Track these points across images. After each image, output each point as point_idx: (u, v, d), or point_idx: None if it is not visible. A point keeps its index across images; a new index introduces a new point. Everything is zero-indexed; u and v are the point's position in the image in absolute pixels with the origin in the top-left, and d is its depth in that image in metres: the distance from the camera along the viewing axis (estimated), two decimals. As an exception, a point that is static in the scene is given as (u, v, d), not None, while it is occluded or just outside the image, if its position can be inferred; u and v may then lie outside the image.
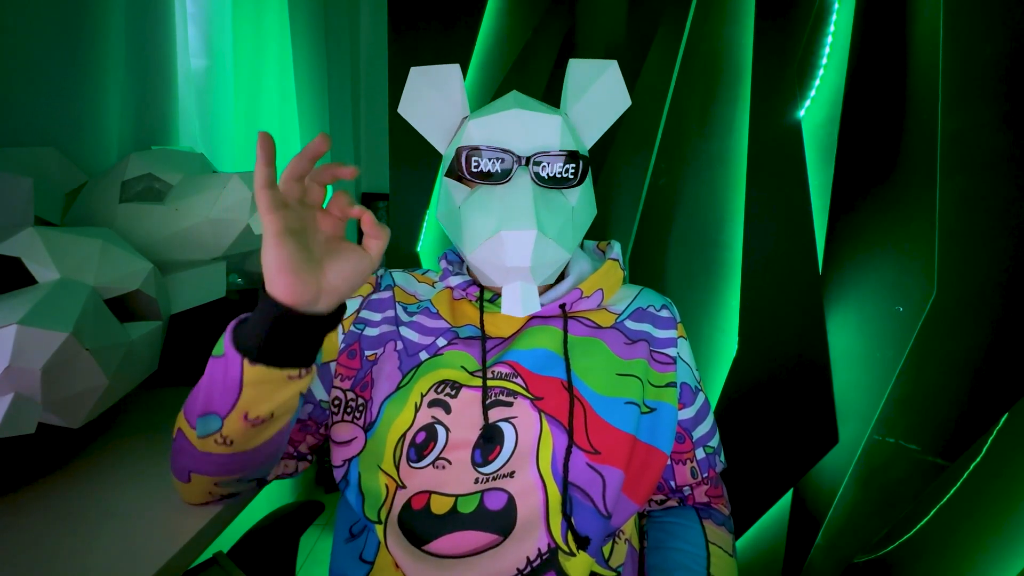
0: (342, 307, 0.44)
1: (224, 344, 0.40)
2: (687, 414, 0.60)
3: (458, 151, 0.55)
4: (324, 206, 0.43)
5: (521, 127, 0.54)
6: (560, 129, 0.54)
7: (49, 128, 0.81)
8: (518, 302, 0.52)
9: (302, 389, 0.43)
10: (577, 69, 0.59)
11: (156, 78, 1.04)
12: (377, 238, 0.43)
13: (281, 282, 0.38)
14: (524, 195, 0.52)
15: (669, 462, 0.60)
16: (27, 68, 0.77)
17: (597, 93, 0.58)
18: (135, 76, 0.99)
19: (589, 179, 0.58)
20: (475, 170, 0.54)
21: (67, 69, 0.83)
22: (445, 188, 0.59)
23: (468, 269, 0.64)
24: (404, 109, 0.60)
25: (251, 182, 0.81)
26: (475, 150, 0.54)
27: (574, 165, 0.54)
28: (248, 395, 0.40)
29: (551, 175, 0.54)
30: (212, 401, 0.42)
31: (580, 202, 0.56)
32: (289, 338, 0.40)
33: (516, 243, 0.51)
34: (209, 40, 1.20)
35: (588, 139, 0.60)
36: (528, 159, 0.53)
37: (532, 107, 0.55)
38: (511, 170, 0.53)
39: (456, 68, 0.59)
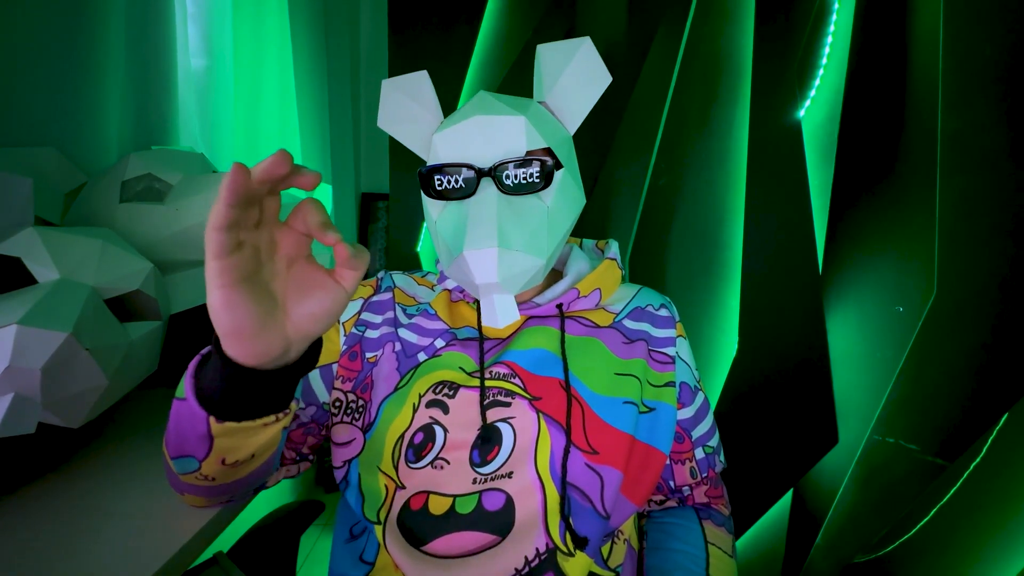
0: (317, 346, 0.39)
1: (186, 391, 0.36)
2: (686, 414, 0.59)
3: (423, 172, 0.53)
4: (284, 218, 0.35)
5: (482, 136, 0.52)
6: (524, 130, 0.51)
7: (49, 128, 0.81)
8: (495, 314, 0.51)
9: (284, 426, 0.40)
10: (547, 53, 0.56)
11: (156, 78, 1.04)
12: (353, 269, 0.35)
13: (238, 347, 0.33)
14: (488, 210, 0.50)
15: (668, 462, 0.60)
16: (27, 68, 0.77)
17: (573, 74, 0.55)
18: (135, 76, 0.99)
19: (569, 172, 0.56)
20: (439, 189, 0.52)
21: (67, 69, 0.83)
22: (425, 202, 0.57)
23: None
24: (383, 123, 0.58)
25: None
26: (436, 170, 0.52)
27: (538, 169, 0.51)
28: (221, 445, 0.38)
29: (516, 183, 0.51)
30: (185, 446, 0.39)
31: (557, 200, 0.54)
32: (255, 392, 0.36)
33: (479, 261, 0.49)
34: (209, 40, 1.20)
35: (571, 123, 0.58)
36: (490, 170, 0.51)
37: (494, 110, 0.52)
38: (475, 183, 0.51)
39: (425, 75, 0.57)
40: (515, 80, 1.40)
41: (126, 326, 0.61)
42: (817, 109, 1.17)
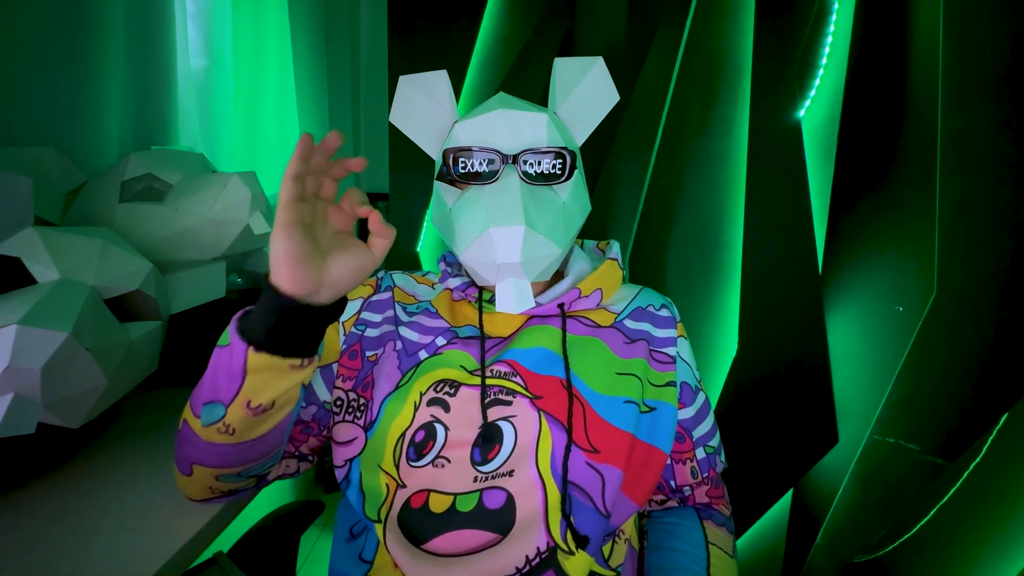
0: (343, 301, 0.46)
1: (229, 333, 0.42)
2: (687, 413, 0.59)
3: (445, 153, 0.55)
4: (337, 200, 0.46)
5: (507, 126, 0.54)
6: (547, 126, 0.55)
7: (49, 128, 0.81)
8: (512, 299, 0.53)
9: (304, 380, 0.45)
10: (563, 68, 0.59)
11: (156, 78, 1.05)
12: (383, 236, 0.45)
13: (285, 271, 0.40)
14: (512, 192, 0.52)
15: (669, 462, 0.60)
16: (27, 68, 0.77)
17: (584, 90, 0.58)
18: (135, 76, 0.99)
19: (581, 175, 0.59)
20: (463, 171, 0.54)
21: (67, 69, 0.83)
22: (437, 192, 0.59)
23: (466, 271, 0.64)
24: (395, 118, 0.60)
25: (251, 182, 0.81)
26: (462, 151, 0.54)
27: (561, 160, 0.54)
28: (251, 383, 0.42)
29: (539, 172, 0.54)
30: (217, 389, 0.43)
31: (571, 198, 0.56)
32: (291, 327, 0.41)
33: (505, 239, 0.51)
34: (209, 40, 1.20)
35: (578, 136, 0.60)
36: (515, 157, 0.53)
37: (518, 106, 0.55)
38: (498, 169, 0.53)
39: (444, 74, 0.59)
40: (515, 80, 1.39)
41: (126, 326, 0.61)
42: (817, 109, 1.17)
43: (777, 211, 1.17)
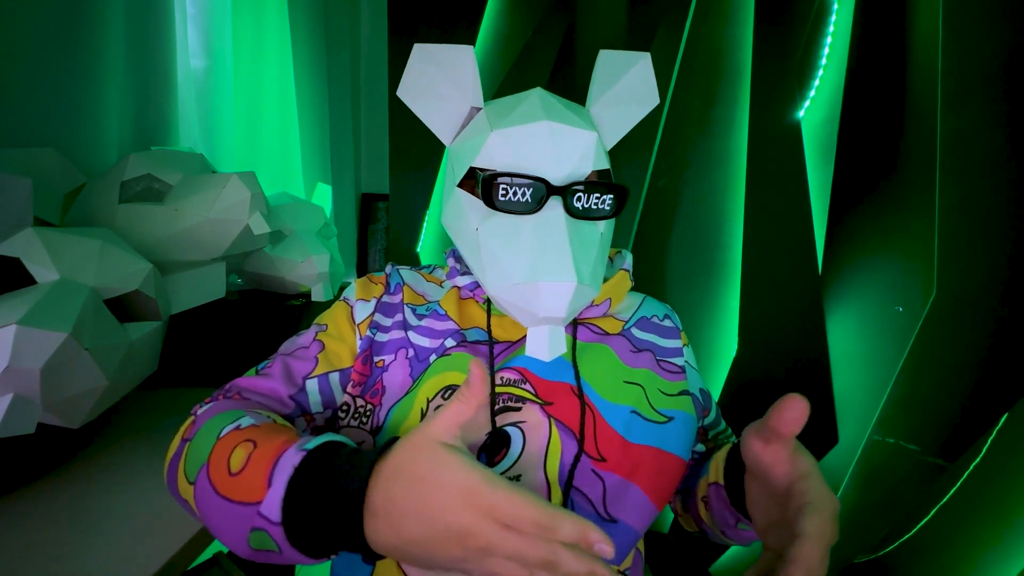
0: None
1: (279, 544, 0.36)
2: (711, 418, 0.62)
3: (481, 175, 0.49)
4: None
5: (553, 148, 0.48)
6: (595, 149, 0.49)
7: (49, 128, 0.81)
8: (545, 347, 0.48)
9: None
10: (607, 60, 0.54)
11: (156, 78, 1.04)
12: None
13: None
14: (558, 235, 0.46)
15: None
16: (27, 68, 0.77)
17: (625, 88, 0.53)
18: (135, 76, 0.99)
19: None
20: (502, 199, 0.48)
21: (67, 69, 0.83)
22: (457, 199, 0.53)
23: None
24: (404, 91, 0.53)
25: (250, 183, 0.81)
26: (500, 178, 0.47)
27: (612, 197, 0.49)
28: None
29: (586, 207, 0.48)
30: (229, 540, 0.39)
31: (607, 227, 0.52)
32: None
33: (553, 294, 0.45)
34: (209, 40, 1.20)
35: (608, 140, 0.55)
36: (562, 188, 0.48)
37: (563, 117, 0.49)
38: (543, 200, 0.47)
39: (469, 51, 0.51)
40: (515, 80, 1.39)
41: (126, 326, 0.60)
42: (817, 109, 1.17)
43: (777, 211, 1.17)
